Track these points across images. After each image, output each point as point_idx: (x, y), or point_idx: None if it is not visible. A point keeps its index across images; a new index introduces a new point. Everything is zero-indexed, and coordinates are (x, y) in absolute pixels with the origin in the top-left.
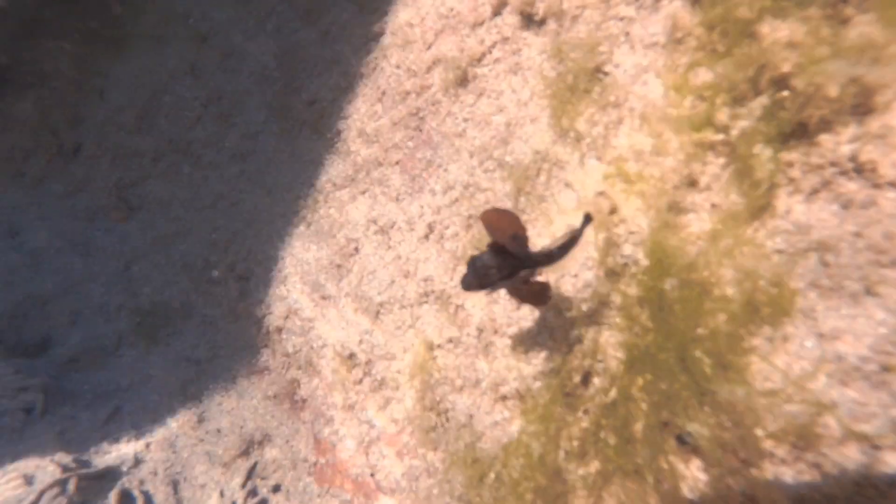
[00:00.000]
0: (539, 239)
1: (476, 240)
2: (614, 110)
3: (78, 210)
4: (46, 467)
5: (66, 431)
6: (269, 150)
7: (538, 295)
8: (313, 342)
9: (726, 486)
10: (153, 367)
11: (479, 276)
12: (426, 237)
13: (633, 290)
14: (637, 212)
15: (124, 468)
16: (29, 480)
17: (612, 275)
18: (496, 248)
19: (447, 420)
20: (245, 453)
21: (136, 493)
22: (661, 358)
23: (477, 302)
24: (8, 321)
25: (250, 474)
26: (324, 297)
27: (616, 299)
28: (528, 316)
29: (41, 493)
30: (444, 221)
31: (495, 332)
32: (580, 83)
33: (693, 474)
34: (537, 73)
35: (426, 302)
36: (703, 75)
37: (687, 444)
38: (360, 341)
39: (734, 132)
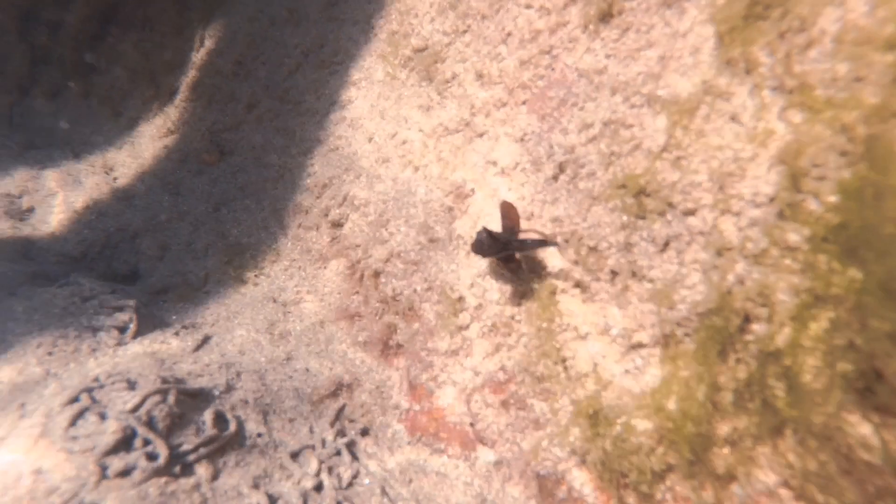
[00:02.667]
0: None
1: (616, 179)
2: (799, 35)
3: (170, 151)
4: (148, 376)
5: (158, 353)
6: (373, 96)
7: (513, 268)
8: (416, 285)
9: None
10: (240, 304)
11: (478, 247)
12: (555, 178)
13: (813, 230)
14: (826, 142)
15: (216, 392)
16: (132, 385)
17: (790, 211)
18: (490, 232)
19: (566, 369)
20: (333, 395)
21: (229, 416)
22: (852, 301)
23: (613, 243)
24: (99, 250)
25: (339, 415)
26: (432, 240)
27: (792, 238)
28: (673, 258)
29: (145, 397)
30: (580, 160)
31: (633, 275)
32: (756, 8)
33: (876, 435)
34: (700, 2)
35: (549, 246)
36: None
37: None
38: (472, 285)
39: None
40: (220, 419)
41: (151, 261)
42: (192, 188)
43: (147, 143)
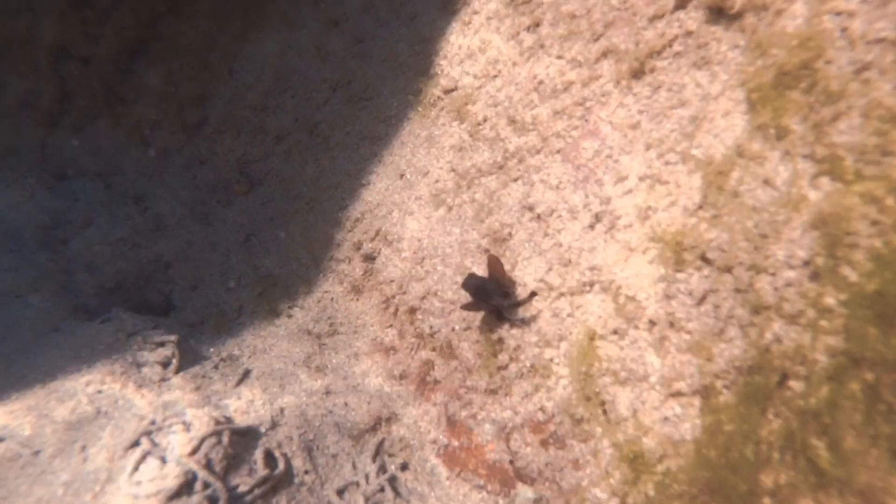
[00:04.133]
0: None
1: (652, 231)
2: (827, 107)
3: (199, 181)
4: (202, 417)
5: (202, 388)
6: (403, 133)
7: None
8: (454, 324)
9: None
10: (275, 336)
11: (467, 287)
12: (591, 227)
13: (849, 295)
14: (857, 212)
15: (262, 429)
16: (187, 427)
17: (826, 275)
18: (477, 278)
19: (605, 412)
20: (373, 429)
21: (277, 454)
22: (891, 364)
23: (652, 294)
24: (133, 281)
25: (378, 450)
26: (511, 282)
27: (828, 301)
28: (711, 311)
29: (202, 440)
30: (616, 212)
31: (671, 325)
32: (785, 79)
33: None
34: (729, 68)
35: (589, 291)
36: None
37: None
38: (511, 326)
39: None
40: (269, 458)
41: (184, 291)
42: (223, 219)
43: (176, 174)
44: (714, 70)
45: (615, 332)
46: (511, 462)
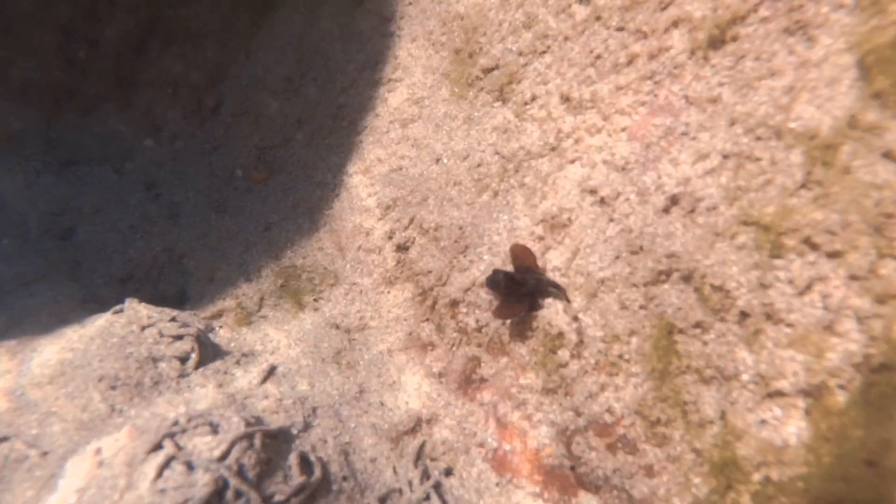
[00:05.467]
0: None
1: (742, 213)
2: None
3: (215, 168)
4: (231, 418)
5: (225, 385)
6: (438, 116)
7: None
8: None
9: None
10: (301, 330)
11: (492, 285)
12: (666, 210)
13: None
14: None
15: (294, 431)
16: (215, 429)
17: None
18: (505, 273)
19: (685, 414)
20: (412, 431)
21: (312, 458)
22: None
23: (743, 283)
24: (146, 271)
25: (420, 454)
26: (542, 271)
27: None
28: (818, 302)
29: (232, 443)
30: (696, 193)
31: (768, 318)
32: None
33: None
34: (833, 31)
35: (665, 281)
36: None
37: None
38: (573, 320)
39: None
40: (304, 463)
41: (200, 283)
42: (241, 207)
43: (190, 160)
44: (812, 34)
45: (698, 325)
46: (572, 468)
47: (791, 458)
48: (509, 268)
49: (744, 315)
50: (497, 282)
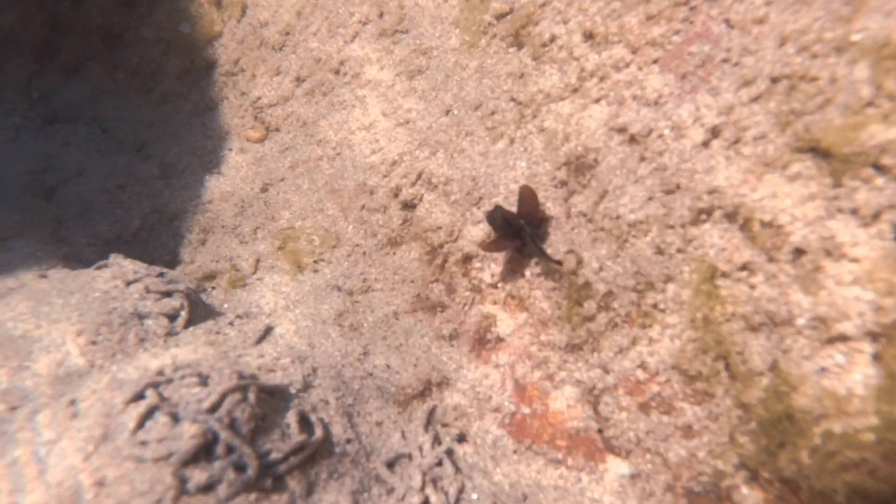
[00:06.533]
0: None
1: (797, 139)
2: None
3: (209, 128)
4: (222, 370)
5: (217, 344)
6: (447, 65)
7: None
8: (525, 269)
9: None
10: (300, 293)
11: (491, 220)
12: (706, 143)
13: None
14: None
15: (292, 390)
16: (204, 380)
17: None
18: (504, 212)
19: (729, 367)
20: (421, 395)
21: (312, 418)
22: None
23: (798, 216)
24: (134, 232)
25: (430, 418)
26: (543, 219)
27: None
28: (886, 232)
29: (223, 395)
30: (741, 122)
31: (828, 253)
32: None
33: None
34: None
35: (707, 220)
36: None
37: None
38: (600, 268)
39: None
40: (304, 422)
41: (193, 245)
42: (236, 167)
43: (182, 120)
44: None
45: (744, 267)
46: (600, 431)
47: (857, 408)
48: (514, 209)
49: (798, 252)
50: (495, 219)
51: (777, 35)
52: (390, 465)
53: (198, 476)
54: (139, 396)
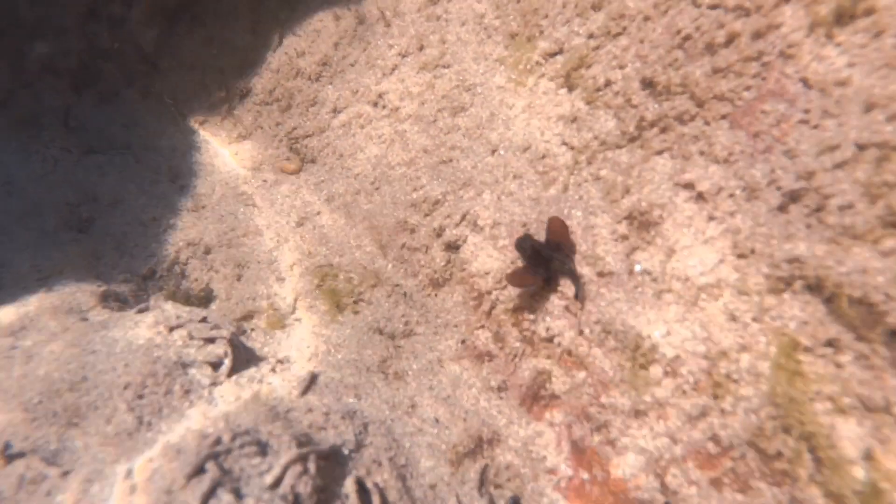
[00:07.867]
0: None
1: (890, 213)
2: None
3: (242, 158)
4: (281, 436)
5: (264, 397)
6: (493, 104)
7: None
8: (586, 327)
9: None
10: (341, 336)
11: (519, 248)
12: (783, 208)
13: None
14: None
15: (345, 451)
16: (263, 449)
17: None
18: (533, 241)
19: (814, 450)
20: (472, 453)
21: (369, 484)
22: None
23: (894, 295)
24: (168, 267)
25: (483, 479)
26: (600, 274)
27: None
28: None
29: (285, 468)
30: (825, 189)
31: None
32: None
33: None
34: None
35: (786, 290)
36: None
37: None
38: (668, 332)
39: None
40: (361, 490)
41: (228, 280)
42: (271, 200)
43: (216, 150)
44: None
45: (830, 343)
46: (667, 503)
47: None
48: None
49: (893, 334)
50: (524, 248)
51: (863, 100)
52: None
53: None
54: (200, 470)
